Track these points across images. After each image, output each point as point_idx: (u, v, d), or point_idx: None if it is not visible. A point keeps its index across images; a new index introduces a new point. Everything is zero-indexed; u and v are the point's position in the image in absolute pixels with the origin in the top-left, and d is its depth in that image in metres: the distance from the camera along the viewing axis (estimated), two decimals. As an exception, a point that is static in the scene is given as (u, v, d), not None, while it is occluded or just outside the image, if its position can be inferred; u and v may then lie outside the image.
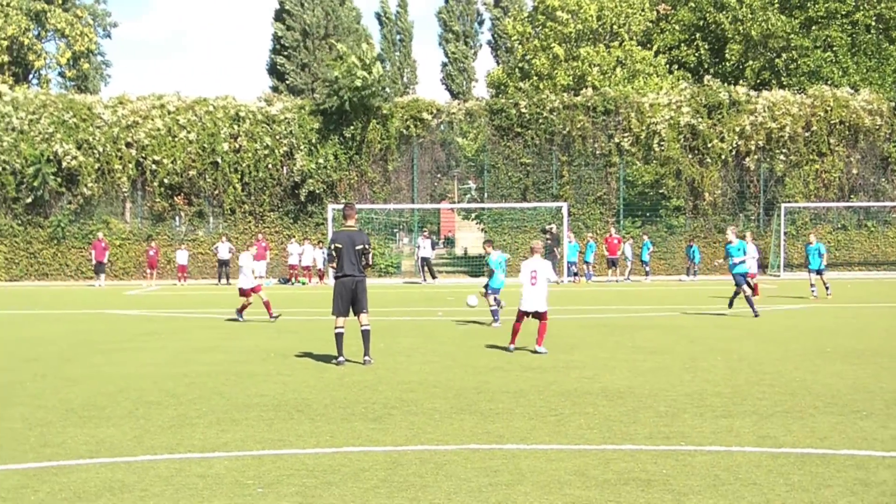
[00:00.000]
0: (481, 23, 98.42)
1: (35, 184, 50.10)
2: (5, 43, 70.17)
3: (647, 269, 48.91)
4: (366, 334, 17.12)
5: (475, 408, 12.71)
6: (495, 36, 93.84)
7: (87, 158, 50.68)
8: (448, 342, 20.60)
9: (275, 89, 73.88)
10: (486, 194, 52.83)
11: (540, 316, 18.40)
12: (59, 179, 50.55)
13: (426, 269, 48.84)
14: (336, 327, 17.05)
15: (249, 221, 51.80)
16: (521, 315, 18.59)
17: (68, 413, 12.57)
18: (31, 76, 74.23)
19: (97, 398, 13.69)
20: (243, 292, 25.95)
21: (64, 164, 50.39)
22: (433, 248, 51.14)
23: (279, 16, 79.84)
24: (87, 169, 50.65)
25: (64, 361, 17.94)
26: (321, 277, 48.11)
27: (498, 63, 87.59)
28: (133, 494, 8.67)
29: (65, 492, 8.77)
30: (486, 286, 24.98)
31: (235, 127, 51.33)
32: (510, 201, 51.60)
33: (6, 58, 70.88)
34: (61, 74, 75.90)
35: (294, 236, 50.41)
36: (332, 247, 17.02)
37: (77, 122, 50.83)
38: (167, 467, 9.67)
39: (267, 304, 25.69)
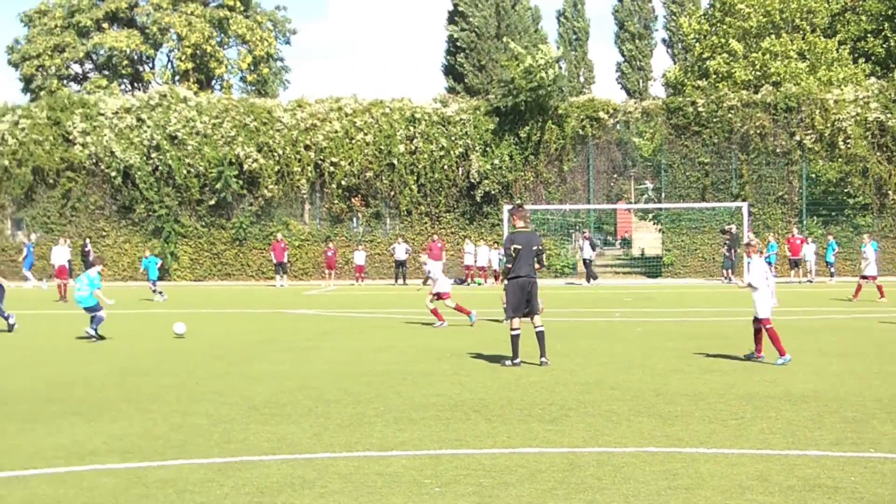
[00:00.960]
0: (655, 19, 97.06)
1: (218, 186, 51.56)
2: (189, 50, 72.41)
3: (832, 269, 47.37)
4: (541, 335, 17.00)
5: (654, 410, 12.49)
6: (670, 33, 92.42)
7: (268, 161, 51.88)
8: (625, 343, 20.34)
9: (451, 90, 74.24)
10: (663, 194, 52.06)
11: (762, 320, 17.13)
12: (240, 182, 51.87)
13: (588, 270, 48.43)
14: (512, 329, 16.97)
15: (425, 222, 52.22)
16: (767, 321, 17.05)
17: (250, 410, 12.81)
18: (213, 82, 76.41)
19: (278, 396, 13.92)
20: (441, 296, 25.32)
21: (245, 167, 51.69)
22: (593, 250, 50.61)
23: (452, 18, 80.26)
24: (267, 171, 51.85)
25: (246, 359, 18.34)
26: (496, 278, 48.11)
27: (674, 61, 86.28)
28: (313, 491, 8.76)
29: (248, 487, 8.92)
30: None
31: (411, 128, 51.80)
32: (688, 201, 50.70)
33: (190, 65, 73.14)
34: (242, 79, 77.87)
35: (470, 237, 50.58)
36: (511, 248, 16.94)
37: (258, 125, 52.08)
38: (346, 465, 9.75)
39: (452, 308, 25.09)
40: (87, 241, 50.99)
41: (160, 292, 37.28)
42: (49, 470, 9.63)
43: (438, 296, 25.20)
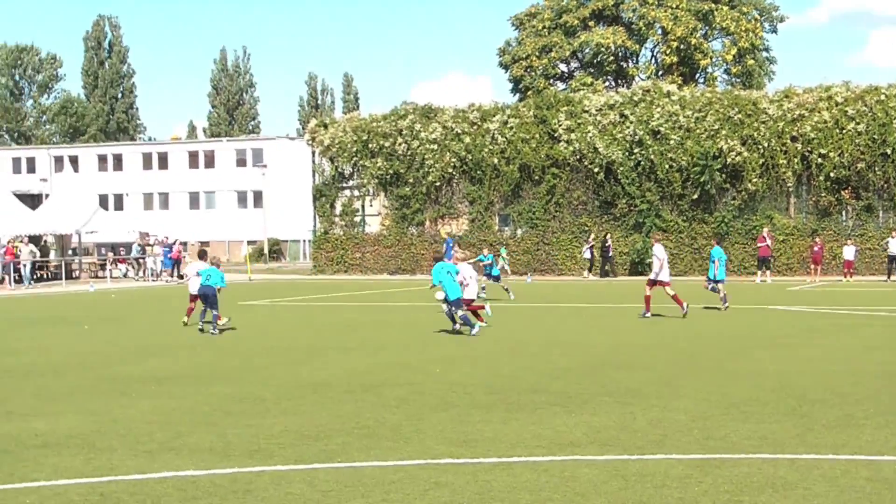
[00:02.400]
0: None
1: (701, 180, 51.25)
2: (675, 44, 72.46)
3: None
4: None
5: None
6: None
7: (752, 154, 50.93)
8: None
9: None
10: None
11: None
12: (723, 175, 51.30)
13: None
14: None
15: (924, 215, 49.36)
16: None
17: (730, 407, 12.53)
18: (697, 75, 76.00)
19: (760, 394, 13.54)
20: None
21: (728, 161, 51.03)
22: None
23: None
24: (751, 164, 50.92)
25: (727, 356, 18.05)
26: None
27: None
28: (796, 492, 8.42)
29: (727, 484, 8.71)
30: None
31: (908, 115, 49.05)
32: None
33: (675, 58, 73.18)
34: (727, 72, 76.92)
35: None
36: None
37: (742, 117, 51.23)
38: (831, 467, 9.30)
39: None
40: (608, 237, 52.27)
41: (507, 289, 34.98)
42: (531, 458, 9.87)
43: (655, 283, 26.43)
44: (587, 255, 52.70)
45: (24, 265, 49.47)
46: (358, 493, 8.60)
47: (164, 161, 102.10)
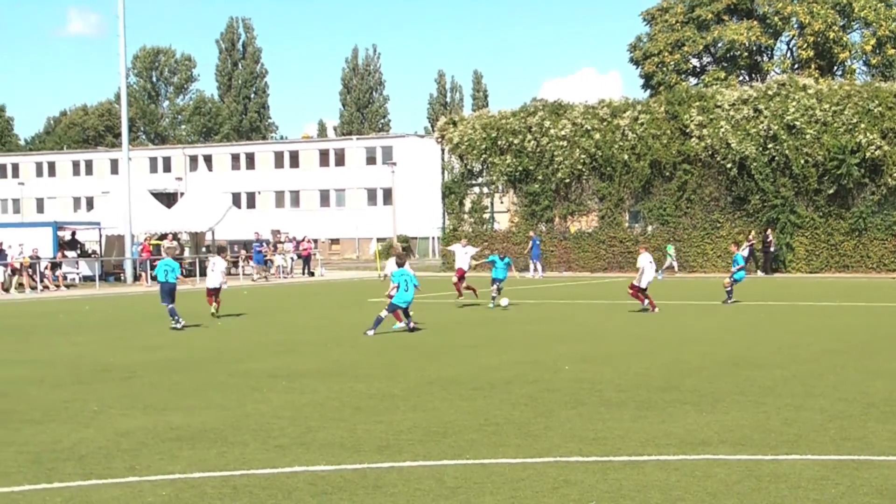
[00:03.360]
0: None
1: (838, 174, 50.06)
2: (811, 38, 70.92)
3: None
4: None
5: None
6: None
7: (893, 148, 49.57)
8: None
9: None
10: None
11: None
12: (862, 170, 50.01)
13: None
14: None
15: None
16: None
17: (869, 407, 12.23)
18: (835, 68, 74.27)
19: (904, 394, 13.19)
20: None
21: (867, 155, 49.74)
22: None
23: None
24: (891, 158, 49.56)
25: (865, 355, 17.64)
26: None
27: None
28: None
29: (865, 487, 8.49)
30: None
31: None
32: None
33: (811, 52, 71.62)
34: (865, 63, 74.99)
35: None
36: None
37: (882, 110, 49.87)
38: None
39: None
40: (769, 233, 51.30)
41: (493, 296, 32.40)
42: (661, 457, 9.75)
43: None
44: (745, 253, 51.92)
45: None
46: (486, 490, 8.58)
47: (295, 159, 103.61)
